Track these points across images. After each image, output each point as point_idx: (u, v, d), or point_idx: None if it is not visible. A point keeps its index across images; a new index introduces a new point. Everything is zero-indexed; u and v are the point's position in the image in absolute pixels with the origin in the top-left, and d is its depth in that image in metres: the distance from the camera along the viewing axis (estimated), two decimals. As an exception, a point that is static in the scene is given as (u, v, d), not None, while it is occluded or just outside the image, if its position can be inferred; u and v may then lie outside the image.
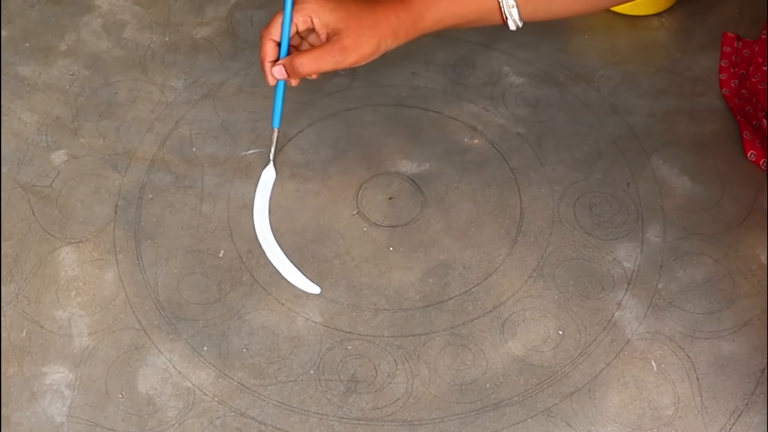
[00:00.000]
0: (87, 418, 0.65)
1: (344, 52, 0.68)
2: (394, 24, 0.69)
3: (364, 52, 0.69)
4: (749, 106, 0.82)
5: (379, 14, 0.69)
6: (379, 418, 0.66)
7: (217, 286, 0.72)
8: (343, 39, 0.68)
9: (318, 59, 0.69)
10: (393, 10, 0.69)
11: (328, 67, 0.69)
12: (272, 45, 0.71)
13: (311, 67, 0.69)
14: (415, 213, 0.77)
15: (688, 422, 0.65)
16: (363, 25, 0.68)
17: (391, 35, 0.69)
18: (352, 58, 0.68)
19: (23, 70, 0.87)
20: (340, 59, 0.68)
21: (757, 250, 0.74)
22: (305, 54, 0.69)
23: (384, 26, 0.69)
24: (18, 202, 0.77)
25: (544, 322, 0.70)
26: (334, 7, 0.69)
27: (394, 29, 0.69)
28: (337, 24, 0.68)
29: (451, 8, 0.70)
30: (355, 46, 0.68)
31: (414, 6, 0.69)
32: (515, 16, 0.70)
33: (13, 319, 0.70)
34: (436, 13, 0.70)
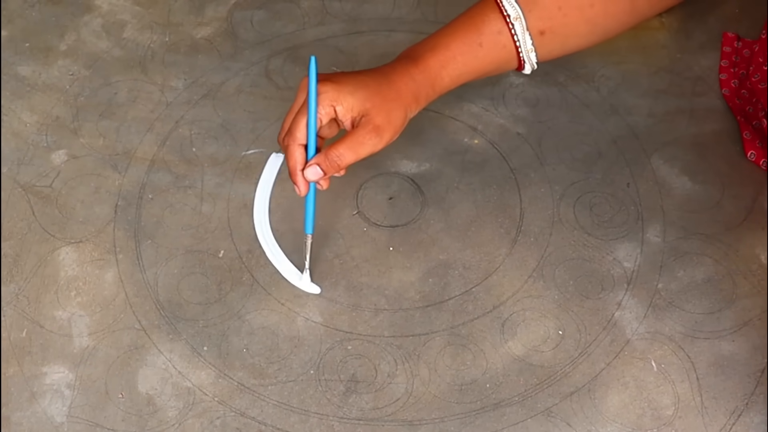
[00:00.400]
0: (87, 418, 0.65)
1: (379, 131, 0.64)
2: (414, 90, 0.66)
3: (396, 126, 0.65)
4: (749, 106, 0.82)
5: (399, 84, 0.65)
6: (379, 418, 0.66)
7: (217, 286, 0.72)
8: (373, 119, 0.64)
9: (356, 146, 0.64)
10: (410, 76, 0.66)
11: (367, 152, 0.65)
12: (301, 151, 0.65)
13: (350, 156, 0.64)
14: (415, 213, 0.77)
15: (688, 422, 0.65)
16: (387, 98, 0.65)
17: (414, 102, 0.66)
18: (387, 135, 0.65)
19: (23, 70, 0.87)
20: (377, 140, 0.64)
21: (757, 250, 0.74)
22: (341, 145, 0.64)
23: (406, 94, 0.65)
24: (18, 202, 0.77)
25: (544, 322, 0.70)
26: (354, 88, 0.64)
27: (415, 95, 0.66)
28: (363, 105, 0.64)
29: (468, 64, 0.67)
30: (388, 123, 0.64)
31: (429, 68, 0.66)
32: (533, 60, 0.67)
33: (13, 319, 0.70)
34: (453, 71, 0.67)
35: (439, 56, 0.66)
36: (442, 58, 0.66)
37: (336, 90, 0.64)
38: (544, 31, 0.65)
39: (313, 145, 0.65)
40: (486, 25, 0.66)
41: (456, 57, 0.66)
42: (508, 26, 0.65)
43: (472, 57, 0.67)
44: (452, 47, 0.66)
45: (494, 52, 0.67)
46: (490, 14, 0.66)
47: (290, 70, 0.86)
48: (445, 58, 0.66)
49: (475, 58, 0.67)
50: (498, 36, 0.66)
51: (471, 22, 0.67)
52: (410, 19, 0.91)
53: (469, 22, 0.67)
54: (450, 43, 0.66)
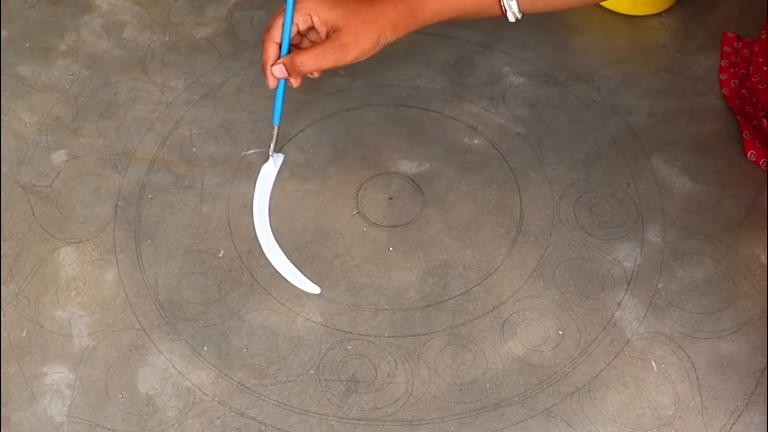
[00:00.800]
0: (87, 418, 0.65)
1: (344, 48, 0.68)
2: (393, 17, 0.69)
3: (364, 47, 0.69)
4: (749, 106, 0.82)
5: (378, 9, 0.69)
6: (379, 418, 0.66)
7: (217, 286, 0.72)
8: (342, 36, 0.68)
9: (319, 57, 0.69)
10: (391, 3, 0.69)
11: (328, 64, 0.69)
12: (274, 47, 0.71)
13: (312, 64, 0.69)
14: (415, 213, 0.77)
15: (688, 422, 0.65)
16: (362, 20, 0.69)
17: (390, 29, 0.69)
18: (352, 54, 0.69)
19: (23, 70, 0.87)
20: (340, 56, 0.69)
21: (757, 250, 0.74)
22: (305, 52, 0.69)
23: (383, 20, 0.69)
24: (18, 202, 0.77)
25: (544, 322, 0.70)
26: (333, 4, 0.69)
27: (393, 22, 0.69)
28: (336, 21, 0.69)
29: (450, 1, 0.70)
30: (355, 43, 0.68)
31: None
32: (514, 8, 0.70)
33: (13, 319, 0.70)
34: (435, 5, 0.70)
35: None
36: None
37: (317, 3, 0.69)
38: None
39: (287, 45, 0.71)
40: None
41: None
42: None
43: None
44: None
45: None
46: None
47: (290, 70, 0.86)
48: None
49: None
50: None
51: None
52: (410, 19, 0.91)
53: None
54: None
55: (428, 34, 0.89)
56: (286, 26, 0.70)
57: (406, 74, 0.86)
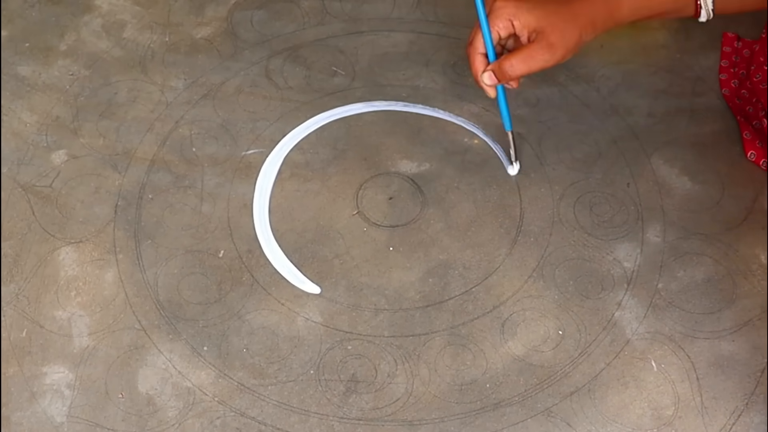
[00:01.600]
0: (87, 418, 0.65)
1: (552, 48, 0.68)
2: (592, 14, 0.68)
3: (569, 45, 0.68)
4: (749, 106, 0.82)
5: (576, 7, 0.68)
6: (379, 418, 0.66)
7: (217, 286, 0.72)
8: (548, 36, 0.68)
9: (528, 59, 0.68)
10: (589, 1, 0.68)
11: (538, 66, 0.68)
12: (480, 58, 0.71)
13: (522, 68, 0.69)
14: (415, 213, 0.77)
15: (688, 422, 0.65)
16: (563, 18, 0.68)
17: (590, 26, 0.69)
18: (559, 53, 0.68)
19: (23, 70, 0.87)
20: (548, 57, 0.68)
21: (757, 250, 0.74)
22: (514, 56, 0.69)
23: (582, 18, 0.68)
24: (18, 202, 0.77)
25: (544, 322, 0.70)
26: (532, 6, 0.68)
27: (591, 20, 0.68)
28: (539, 22, 0.68)
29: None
30: (561, 42, 0.68)
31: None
32: (709, 5, 0.69)
33: (13, 319, 0.70)
34: (633, 3, 0.69)
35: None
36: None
37: (515, 6, 0.68)
38: None
39: (492, 52, 0.70)
40: None
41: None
42: None
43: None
44: None
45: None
46: None
47: (290, 70, 0.86)
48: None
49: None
50: None
51: None
52: (410, 19, 0.91)
53: None
54: None
55: (428, 34, 0.89)
56: (485, 33, 0.69)
57: (406, 74, 0.86)
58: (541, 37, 0.68)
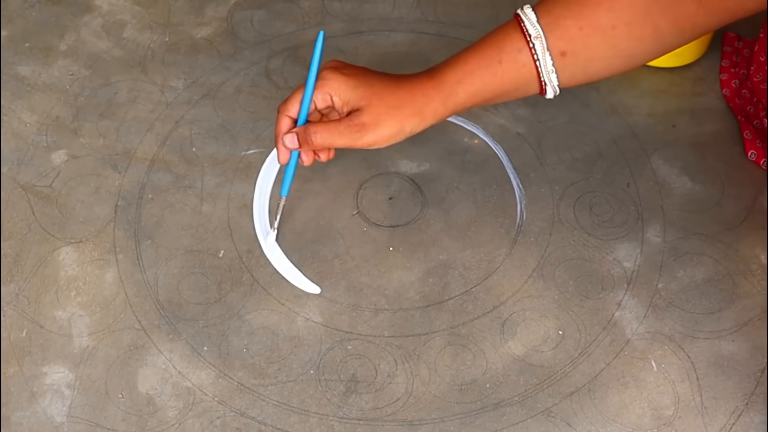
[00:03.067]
0: (87, 418, 0.65)
1: (362, 129, 0.65)
2: (420, 104, 0.65)
3: (384, 133, 0.65)
4: (750, 105, 0.82)
5: (404, 93, 0.65)
6: (379, 418, 0.66)
7: (217, 286, 0.72)
8: (362, 116, 0.65)
9: (333, 132, 0.65)
10: (421, 89, 0.65)
11: (342, 142, 0.65)
12: (287, 121, 0.68)
13: (324, 138, 0.66)
14: (415, 213, 0.77)
15: (688, 422, 0.65)
16: (386, 104, 0.65)
17: (417, 116, 0.65)
18: (369, 137, 0.65)
19: (23, 70, 0.87)
20: (356, 136, 0.65)
21: (757, 250, 0.74)
22: (320, 125, 0.66)
23: (408, 107, 0.65)
24: (18, 202, 0.77)
25: (544, 322, 0.70)
26: (357, 84, 0.65)
27: (419, 110, 0.65)
28: (359, 102, 0.65)
29: (486, 81, 0.65)
30: (374, 125, 0.65)
31: (444, 83, 0.65)
32: (554, 82, 0.65)
33: (13, 319, 0.70)
34: (470, 87, 0.65)
35: (456, 71, 0.65)
36: (459, 74, 0.65)
37: (339, 82, 0.66)
38: (566, 52, 0.63)
39: (305, 116, 0.67)
40: (507, 43, 0.64)
41: (473, 72, 0.65)
42: (529, 45, 0.63)
43: (491, 74, 0.65)
44: (471, 62, 0.65)
45: (513, 71, 0.65)
46: (512, 33, 0.64)
47: (290, 70, 0.86)
48: (463, 73, 0.65)
49: (494, 75, 0.65)
50: (518, 54, 0.64)
51: (493, 40, 0.65)
52: (410, 19, 0.91)
53: (491, 40, 0.66)
54: (469, 59, 0.66)
55: (428, 34, 0.89)
56: (305, 98, 0.67)
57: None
58: (356, 115, 0.65)
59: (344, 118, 0.66)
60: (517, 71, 0.65)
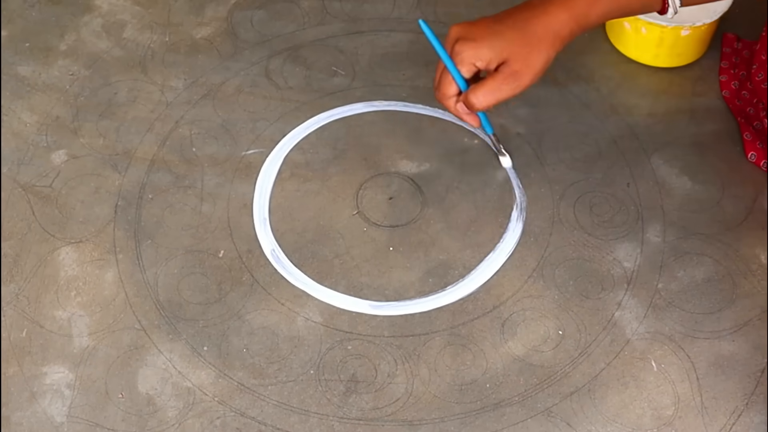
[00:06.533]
0: (87, 418, 0.65)
1: (516, 76, 0.66)
2: (557, 29, 0.66)
3: (536, 69, 0.66)
4: (750, 107, 0.82)
5: (537, 26, 0.66)
6: (379, 418, 0.66)
7: (217, 286, 0.72)
8: (511, 64, 0.66)
9: (494, 90, 0.67)
10: (552, 15, 0.66)
11: (504, 95, 0.67)
12: (453, 100, 0.69)
13: (488, 99, 0.67)
14: (415, 213, 0.77)
15: (688, 422, 0.65)
16: (526, 43, 0.66)
17: (557, 40, 0.67)
18: (526, 79, 0.66)
19: (23, 70, 0.87)
20: (515, 85, 0.66)
21: (757, 250, 0.74)
22: (480, 87, 0.67)
23: (547, 37, 0.66)
24: (18, 202, 0.77)
25: (544, 322, 0.70)
26: (490, 42, 0.66)
27: (557, 34, 0.66)
28: (501, 54, 0.66)
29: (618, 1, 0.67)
30: (526, 67, 0.66)
31: (576, 6, 0.66)
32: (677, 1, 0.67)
33: (13, 319, 0.70)
34: (601, 8, 0.67)
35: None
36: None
37: (473, 48, 0.66)
38: None
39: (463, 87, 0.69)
40: None
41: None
42: None
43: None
44: None
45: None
46: None
47: (290, 70, 0.86)
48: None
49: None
50: None
51: None
52: (410, 19, 0.91)
53: None
54: None
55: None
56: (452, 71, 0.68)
57: (406, 74, 0.86)
58: (505, 66, 0.66)
59: (497, 74, 0.67)
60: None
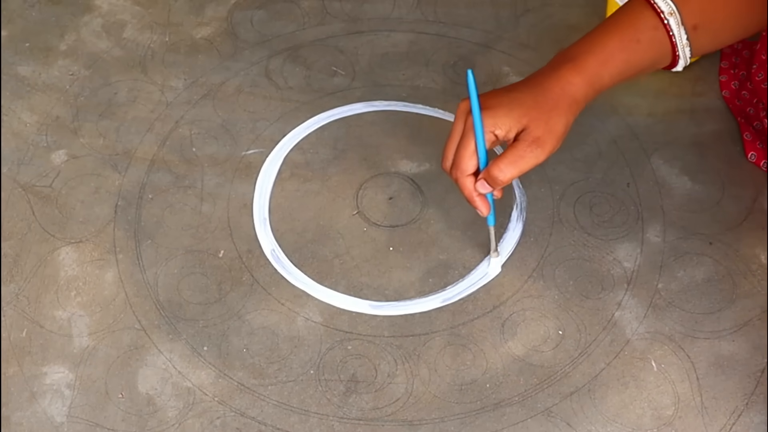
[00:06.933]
0: (87, 418, 0.65)
1: (539, 144, 0.64)
2: (572, 93, 0.65)
3: (558, 134, 0.65)
4: (750, 107, 0.82)
5: (554, 91, 0.65)
6: (379, 418, 0.66)
7: (217, 286, 0.72)
8: (531, 132, 0.64)
9: (516, 160, 0.64)
10: (566, 80, 0.65)
11: (529, 165, 0.65)
12: (470, 179, 0.66)
13: (511, 170, 0.64)
14: (415, 213, 0.77)
15: (688, 422, 0.65)
16: (544, 109, 0.64)
17: (575, 104, 0.65)
18: (549, 145, 0.64)
19: (23, 70, 0.87)
20: (538, 152, 0.64)
21: (757, 250, 0.74)
22: (502, 159, 0.65)
23: (563, 101, 0.65)
24: (18, 202, 0.77)
25: (544, 322, 0.70)
26: (507, 110, 0.65)
27: (573, 98, 0.65)
28: (520, 122, 0.64)
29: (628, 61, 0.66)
30: (547, 134, 0.64)
31: (587, 68, 0.65)
32: (687, 54, 0.67)
33: (13, 319, 0.70)
34: (614, 69, 0.66)
35: (597, 55, 0.66)
36: (601, 57, 0.66)
37: (491, 116, 0.64)
38: (697, 26, 0.65)
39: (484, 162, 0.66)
40: (641, 22, 0.66)
41: (615, 55, 0.66)
42: (663, 21, 0.65)
43: (632, 53, 0.66)
44: (610, 45, 0.66)
45: (652, 49, 0.66)
46: (644, 11, 0.65)
47: (290, 70, 0.86)
48: (604, 56, 0.66)
49: (635, 54, 0.66)
50: (654, 32, 0.65)
51: (625, 19, 0.66)
52: (410, 19, 0.91)
53: (623, 20, 0.66)
54: (607, 42, 0.66)
55: (428, 34, 0.89)
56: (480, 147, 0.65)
57: (406, 74, 0.86)
58: (526, 134, 0.64)
59: (518, 143, 0.65)
60: (655, 49, 0.66)
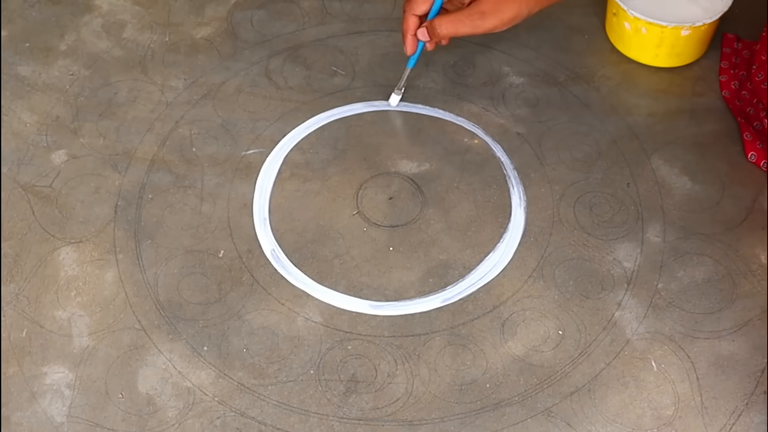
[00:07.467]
0: (87, 418, 0.65)
1: (482, 16, 0.68)
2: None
3: (504, 17, 0.68)
4: (750, 107, 0.82)
5: None
6: (379, 418, 0.66)
7: (217, 286, 0.72)
8: (481, 4, 0.68)
9: (456, 22, 0.70)
10: None
11: (465, 30, 0.70)
12: (414, 19, 0.73)
13: (449, 29, 0.71)
14: (415, 213, 0.77)
15: (688, 422, 0.65)
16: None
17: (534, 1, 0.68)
18: (490, 22, 0.69)
19: (23, 70, 0.87)
20: (478, 23, 0.69)
21: (757, 250, 0.74)
22: (445, 17, 0.71)
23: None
24: (18, 202, 0.77)
25: (544, 322, 0.70)
26: None
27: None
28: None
29: None
30: (494, 11, 0.68)
31: None
32: None
33: (13, 319, 0.70)
34: None
35: None
36: None
37: None
38: None
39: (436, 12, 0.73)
40: None
41: None
42: None
43: None
44: None
45: None
46: None
47: (290, 70, 0.86)
48: None
49: None
50: None
51: None
52: (410, 19, 0.91)
53: None
54: None
55: None
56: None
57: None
58: (476, 4, 0.69)
59: (465, 8, 0.70)
60: None
